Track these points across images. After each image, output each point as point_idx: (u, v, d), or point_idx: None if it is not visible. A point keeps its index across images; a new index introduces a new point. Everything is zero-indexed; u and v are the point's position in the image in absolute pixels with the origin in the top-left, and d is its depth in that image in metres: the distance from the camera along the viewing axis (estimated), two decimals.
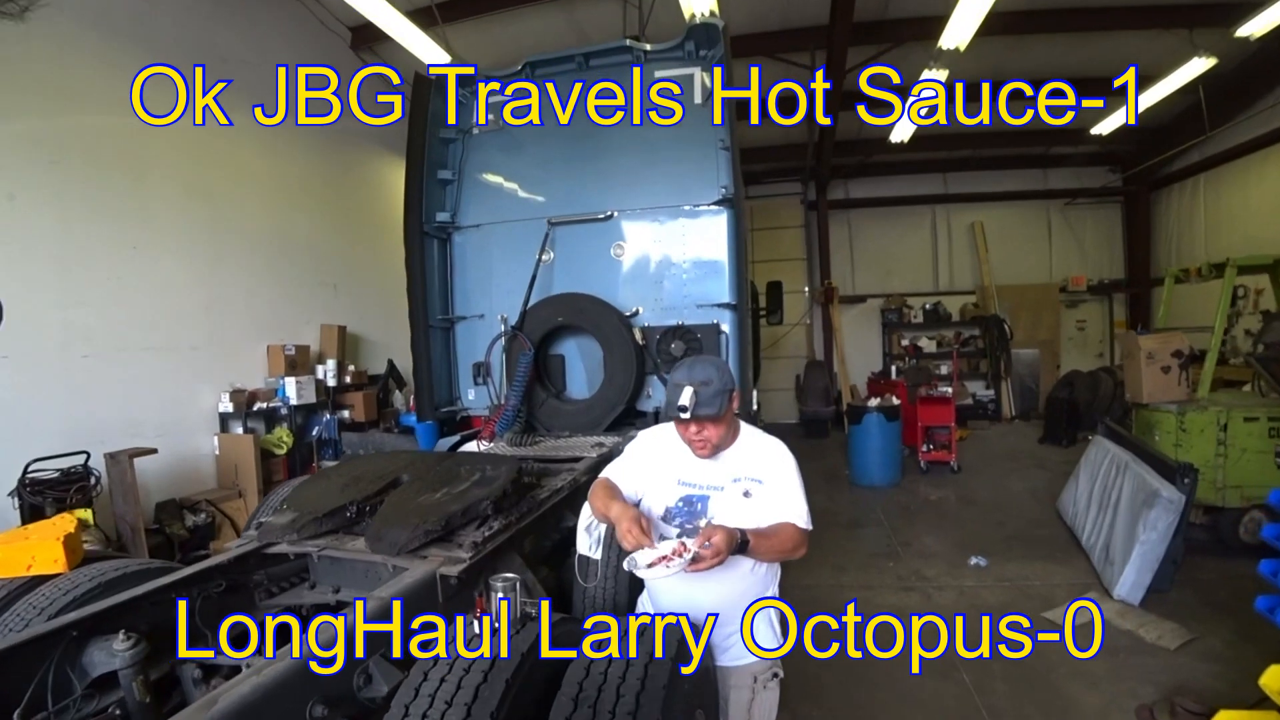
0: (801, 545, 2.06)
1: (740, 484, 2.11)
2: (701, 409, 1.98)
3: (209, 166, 6.43)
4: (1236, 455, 5.35)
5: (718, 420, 2.04)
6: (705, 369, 2.04)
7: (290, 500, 2.76)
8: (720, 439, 2.10)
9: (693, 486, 2.16)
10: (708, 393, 1.98)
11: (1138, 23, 8.03)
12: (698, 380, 2.00)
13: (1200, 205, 11.35)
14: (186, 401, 6.13)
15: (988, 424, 12.13)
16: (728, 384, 2.04)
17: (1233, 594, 4.60)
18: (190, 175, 6.23)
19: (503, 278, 4.95)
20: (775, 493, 2.09)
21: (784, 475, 2.12)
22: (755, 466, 2.13)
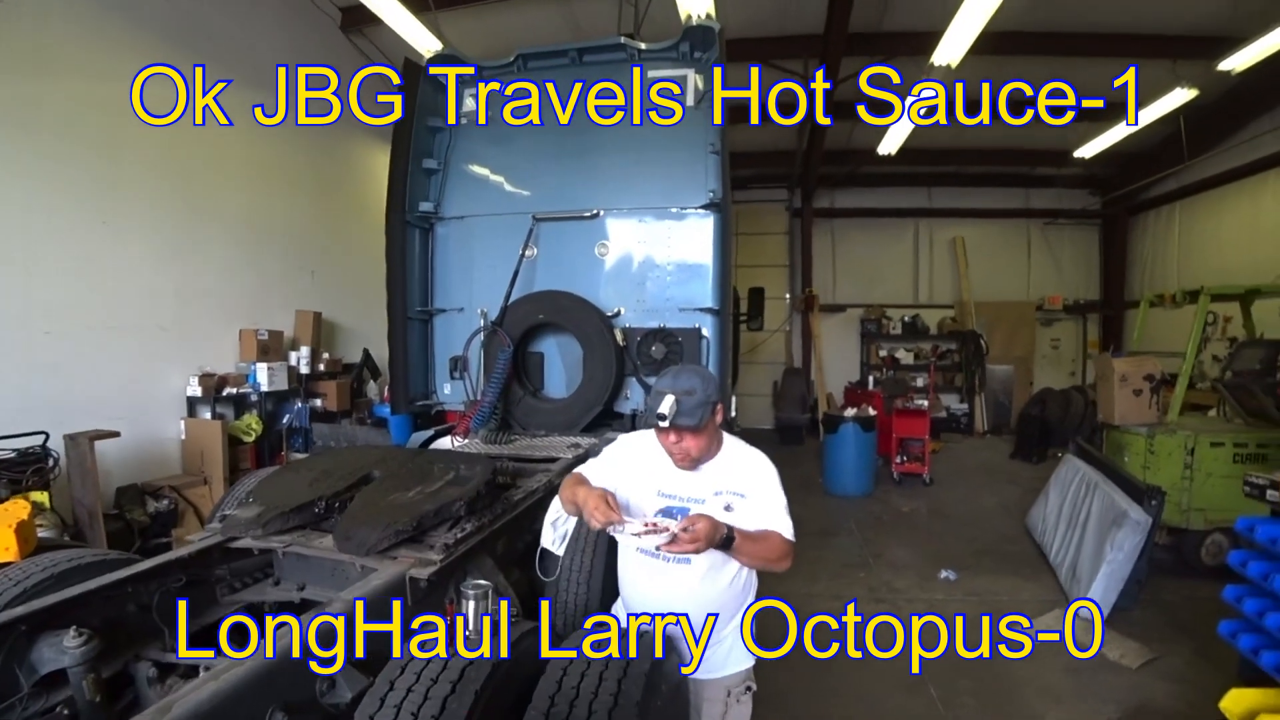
0: (786, 557, 2.03)
1: (722, 497, 2.08)
2: (681, 418, 1.94)
3: (187, 143, 6.24)
4: (1202, 479, 5.45)
5: (697, 431, 2.00)
6: (690, 378, 2.00)
7: (256, 493, 2.68)
8: (701, 451, 2.06)
9: (673, 498, 2.13)
10: (690, 403, 1.95)
11: (1124, 51, 8.16)
12: (681, 389, 1.96)
13: (1175, 232, 11.59)
14: (153, 384, 5.96)
15: (961, 437, 12.28)
16: (712, 396, 2.00)
17: (1194, 615, 4.70)
18: (167, 151, 6.05)
19: (484, 271, 4.86)
20: (758, 506, 2.06)
21: (767, 489, 2.10)
22: (738, 480, 2.10)
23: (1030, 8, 7.02)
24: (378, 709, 1.50)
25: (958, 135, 11.18)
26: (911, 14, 7.65)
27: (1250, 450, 5.41)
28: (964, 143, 11.62)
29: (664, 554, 2.10)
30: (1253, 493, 3.19)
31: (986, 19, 5.93)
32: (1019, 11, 6.64)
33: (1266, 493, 3.10)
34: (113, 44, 5.55)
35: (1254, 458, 5.35)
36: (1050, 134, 10.82)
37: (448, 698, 1.49)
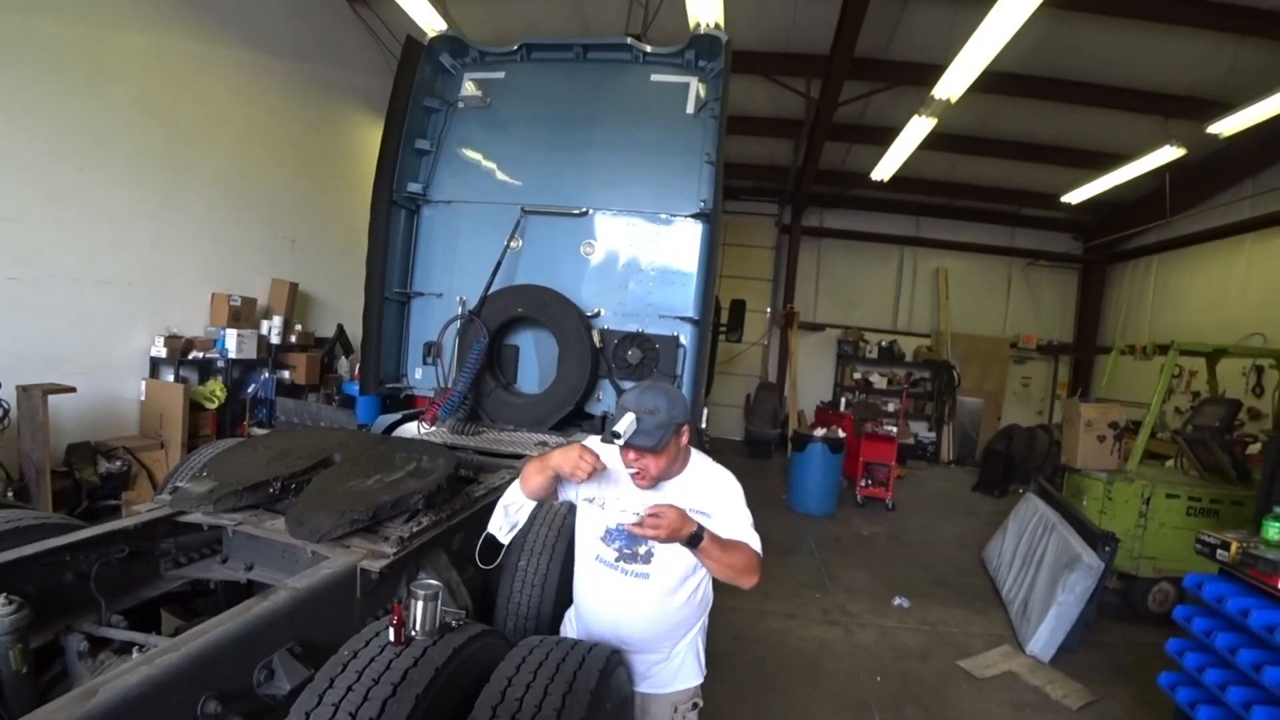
0: (754, 571, 1.99)
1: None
2: (638, 438, 1.90)
3: (175, 93, 6.08)
4: (1155, 528, 5.56)
5: (656, 453, 1.95)
6: (655, 398, 1.95)
7: (211, 467, 2.60)
8: (660, 471, 2.01)
9: (638, 513, 2.09)
10: (650, 422, 1.90)
11: (1118, 104, 8.34)
12: (644, 408, 1.92)
13: (1151, 284, 11.84)
14: (116, 340, 5.79)
15: (926, 465, 12.42)
16: (677, 418, 1.96)
17: (1136, 660, 4.79)
18: (153, 99, 5.88)
19: (467, 259, 4.80)
20: (723, 526, 2.03)
21: (733, 508, 2.08)
22: (703, 498, 2.06)
23: (1033, 53, 7.12)
24: (315, 705, 1.45)
25: (951, 168, 11.34)
26: (917, 46, 7.73)
27: (1204, 504, 5.54)
28: (956, 176, 11.78)
29: (621, 566, 2.08)
30: (1204, 550, 3.25)
31: (990, 59, 6.00)
32: (1022, 55, 6.73)
33: (1217, 552, 3.15)
34: None
35: (1207, 512, 5.48)
36: (1040, 176, 11.03)
37: (388, 700, 1.45)
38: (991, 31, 5.53)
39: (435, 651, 1.61)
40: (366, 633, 1.66)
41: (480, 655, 1.75)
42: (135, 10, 5.66)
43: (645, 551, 2.06)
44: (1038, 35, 6.38)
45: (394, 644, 1.59)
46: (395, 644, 1.59)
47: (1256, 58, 6.87)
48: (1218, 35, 6.85)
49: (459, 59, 4.97)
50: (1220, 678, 2.95)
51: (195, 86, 6.29)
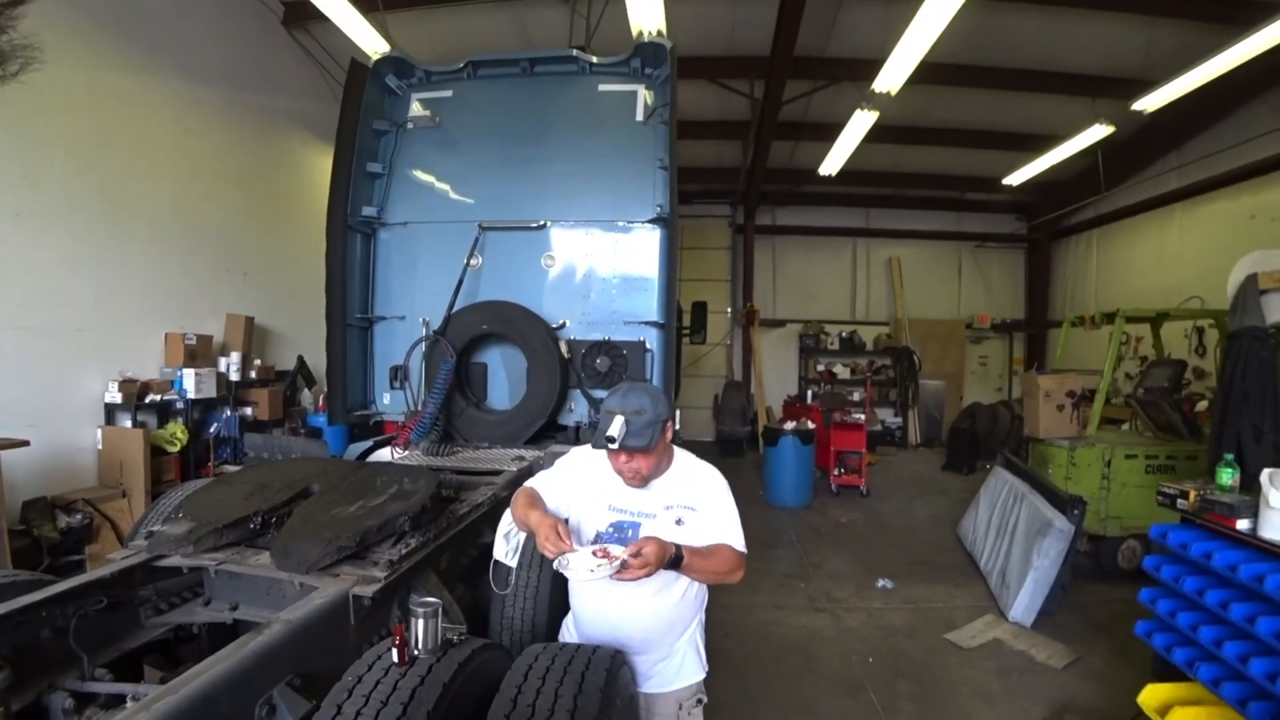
0: (738, 569, 2.05)
1: (673, 511, 2.09)
2: (631, 440, 1.93)
3: (111, 129, 5.90)
4: (1118, 489, 5.78)
5: (647, 451, 1.99)
6: (639, 398, 1.99)
7: (187, 508, 2.53)
8: (651, 470, 2.06)
9: (624, 512, 2.12)
10: (639, 423, 1.94)
11: (1049, 87, 8.69)
12: (630, 409, 1.96)
13: (1093, 257, 12.33)
14: (67, 389, 5.57)
15: (895, 450, 12.65)
16: (661, 414, 2.00)
17: (1112, 616, 4.97)
18: (90, 139, 5.70)
19: (427, 279, 4.77)
20: (709, 519, 2.07)
21: (717, 501, 2.11)
22: (688, 494, 2.10)
23: (965, 43, 7.37)
24: None
25: (896, 159, 11.64)
26: (854, 42, 7.94)
27: (1160, 461, 5.78)
28: (901, 166, 12.09)
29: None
30: (1165, 501, 3.40)
31: (924, 51, 6.20)
32: (955, 46, 6.96)
33: (1177, 501, 3.30)
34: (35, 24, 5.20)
35: (1164, 469, 5.71)
36: (981, 161, 11.40)
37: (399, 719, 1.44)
38: (924, 24, 5.72)
39: (441, 668, 1.60)
40: (369, 656, 1.65)
41: (485, 668, 1.75)
42: (64, 46, 5.45)
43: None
44: (969, 26, 6.60)
45: (398, 664, 1.58)
46: (400, 664, 1.58)
47: (1171, 37, 7.24)
48: (1134, 18, 7.20)
49: (405, 80, 4.95)
50: (1192, 620, 3.08)
51: (132, 122, 6.12)
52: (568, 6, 7.05)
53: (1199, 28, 6.97)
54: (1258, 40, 5.81)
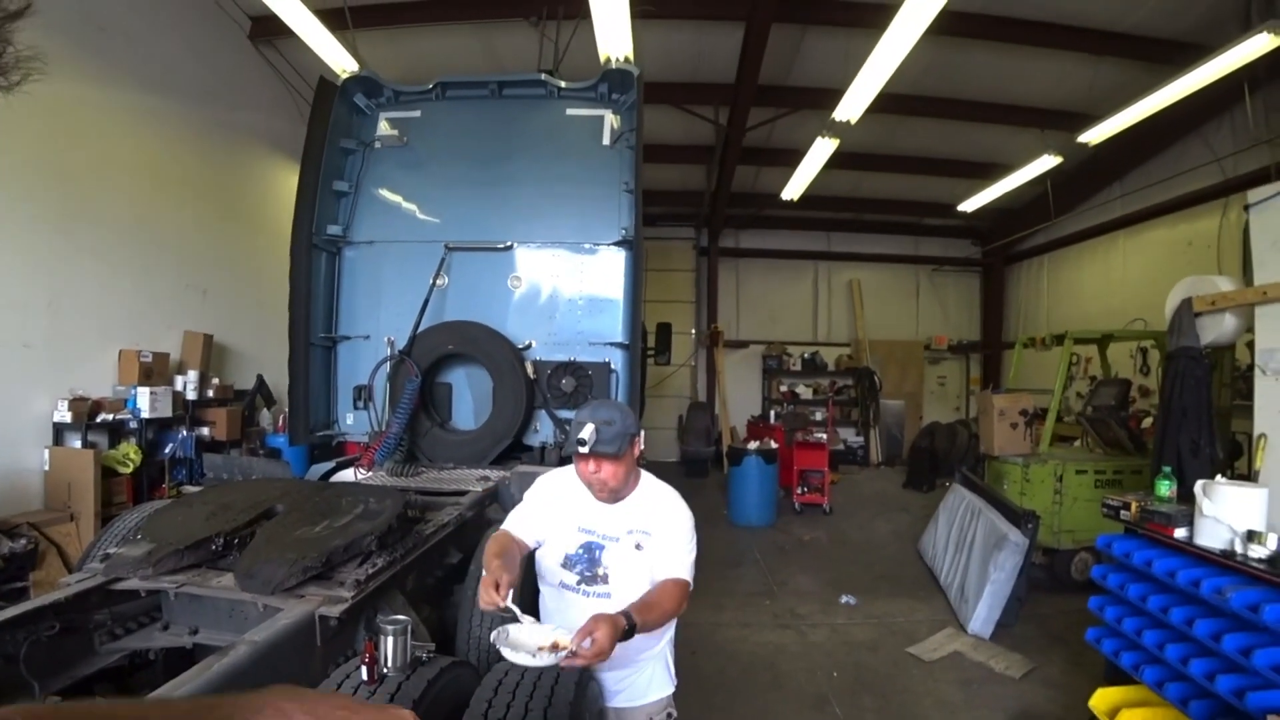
0: (683, 602, 2.05)
1: (633, 536, 2.11)
2: (601, 446, 1.98)
3: (67, 141, 5.74)
4: (1070, 503, 5.98)
5: (616, 459, 2.03)
6: (609, 410, 2.05)
7: (146, 529, 2.47)
8: (619, 482, 2.09)
9: (592, 533, 2.15)
10: (609, 432, 1.99)
11: (1001, 119, 9.12)
12: (600, 419, 2.00)
13: (1044, 281, 12.81)
14: (12, 407, 5.35)
15: (857, 469, 12.85)
16: (630, 428, 2.05)
17: (1066, 626, 5.11)
18: (43, 150, 5.53)
19: (392, 299, 4.75)
20: (660, 546, 2.09)
21: (671, 528, 2.12)
22: (646, 519, 2.13)
23: (922, 75, 7.68)
24: None
25: (856, 185, 11.98)
26: (816, 72, 8.21)
27: (1108, 476, 6.02)
28: (861, 192, 12.45)
29: (583, 589, 2.13)
30: (1109, 513, 3.56)
31: (883, 82, 6.43)
32: (912, 78, 7.25)
33: (1120, 513, 3.46)
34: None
35: (1111, 483, 5.95)
36: (938, 188, 11.79)
37: None
38: (883, 57, 5.95)
39: (410, 685, 1.61)
40: (337, 675, 1.64)
41: (454, 686, 1.76)
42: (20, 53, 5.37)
43: (603, 573, 2.12)
44: (926, 59, 6.89)
45: (367, 682, 1.58)
46: (369, 682, 1.58)
47: (1113, 74, 7.64)
48: (1079, 56, 7.58)
49: (373, 99, 4.96)
50: (1136, 625, 3.22)
51: (90, 134, 5.98)
52: (536, 30, 7.15)
53: (1139, 66, 7.38)
54: (1192, 79, 6.17)
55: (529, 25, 7.29)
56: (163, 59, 6.80)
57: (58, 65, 5.64)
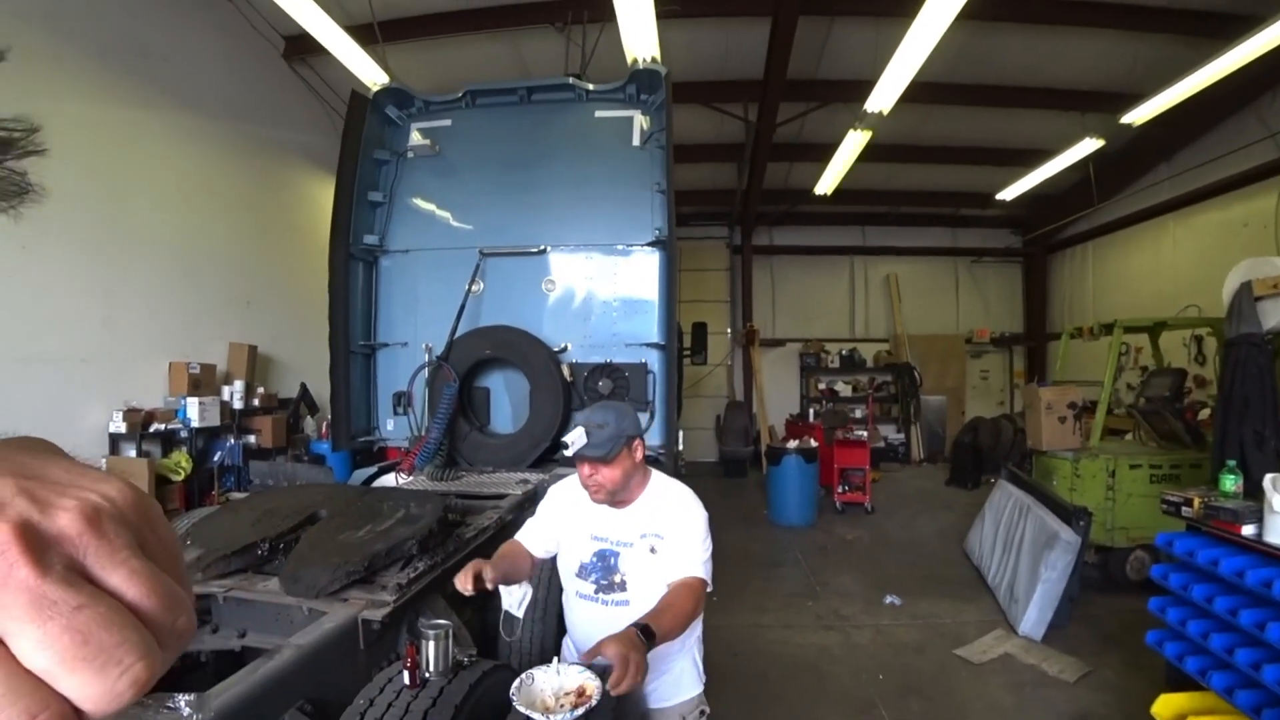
0: (699, 604, 2.01)
1: (647, 540, 2.09)
2: (589, 449, 1.97)
3: (118, 162, 6.00)
4: (1123, 499, 5.76)
5: (607, 462, 2.01)
6: (604, 413, 2.04)
7: (195, 535, 2.54)
8: (615, 485, 2.06)
9: (605, 541, 2.14)
10: (601, 435, 1.98)
11: (1038, 103, 8.86)
12: (594, 422, 2.00)
13: (1089, 269, 12.42)
14: (72, 419, 5.59)
15: (898, 466, 12.63)
16: (627, 429, 2.03)
17: (1121, 627, 4.93)
18: (96, 169, 5.77)
19: (429, 306, 4.81)
20: (674, 547, 2.05)
21: (684, 529, 2.08)
22: (658, 521, 2.10)
23: (955, 62, 7.50)
24: None
25: (890, 177, 11.77)
26: (846, 64, 8.08)
27: (1164, 471, 5.78)
28: (896, 184, 12.23)
29: (601, 597, 2.12)
30: (1170, 510, 3.41)
31: (915, 71, 6.30)
32: (944, 65, 7.07)
33: (1182, 509, 3.31)
34: (40, 60, 5.31)
35: (1168, 478, 5.71)
36: (974, 177, 11.52)
37: None
38: (914, 45, 5.82)
39: (452, 690, 1.61)
40: (380, 679, 1.65)
41: (495, 690, 1.75)
42: (73, 81, 5.59)
43: (620, 580, 2.10)
44: (957, 45, 6.73)
45: (410, 687, 1.59)
46: (411, 686, 1.59)
47: (1156, 51, 7.37)
48: (1119, 33, 7.33)
49: (405, 110, 5.04)
50: (1202, 627, 3.08)
51: (139, 154, 6.22)
52: (562, 36, 7.19)
53: (1184, 41, 7.11)
54: (1241, 52, 5.91)
55: (555, 31, 7.33)
56: (203, 81, 7.03)
57: (107, 91, 5.91)
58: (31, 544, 0.28)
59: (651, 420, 4.57)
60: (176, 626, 0.32)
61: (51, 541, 0.30)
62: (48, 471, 0.33)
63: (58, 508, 0.30)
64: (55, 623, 0.28)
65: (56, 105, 5.40)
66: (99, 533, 0.31)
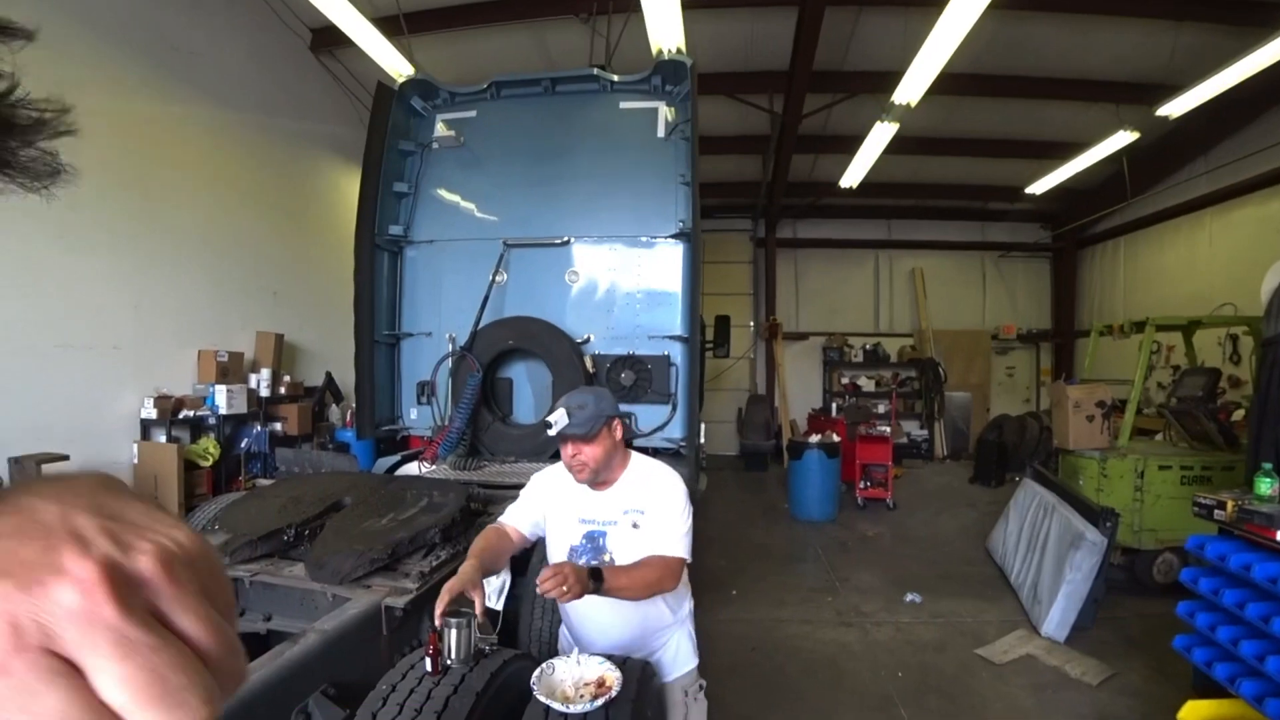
0: (668, 577, 2.06)
1: (629, 516, 2.15)
2: (570, 428, 2.04)
3: (148, 154, 6.12)
4: (1152, 501, 5.65)
5: (589, 440, 2.07)
6: (583, 395, 2.14)
7: (223, 520, 2.60)
8: (598, 463, 2.12)
9: (592, 523, 2.18)
10: (581, 415, 2.05)
11: (1071, 94, 8.65)
12: (574, 405, 2.08)
13: (1120, 265, 12.15)
14: (105, 405, 5.74)
15: (921, 463, 12.50)
16: (606, 410, 2.10)
17: (1147, 631, 4.84)
18: (127, 165, 5.90)
19: (453, 296, 4.84)
20: (654, 523, 2.12)
21: (664, 504, 2.15)
22: (639, 497, 2.17)
23: (984, 53, 7.36)
24: None
25: (917, 170, 11.60)
26: (873, 55, 7.96)
27: (1196, 473, 5.64)
28: (923, 177, 12.05)
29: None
30: (1201, 512, 3.33)
31: (944, 62, 6.19)
32: (974, 56, 6.95)
33: (1214, 512, 3.23)
34: (74, 56, 5.42)
35: (1199, 480, 5.58)
36: (1003, 170, 11.32)
37: None
38: (943, 35, 5.72)
39: (473, 677, 1.63)
40: (402, 666, 1.68)
41: (516, 679, 1.77)
42: (103, 75, 5.70)
43: (609, 560, 2.14)
44: (987, 35, 6.59)
45: (431, 674, 1.61)
46: (433, 673, 1.61)
47: (1196, 41, 7.16)
48: (1157, 22, 7.14)
49: (430, 101, 5.05)
50: (1232, 633, 3.01)
51: (168, 147, 6.34)
52: (587, 26, 7.17)
53: (1224, 30, 6.90)
54: None
55: (580, 22, 7.31)
56: (231, 74, 7.14)
57: (137, 86, 6.01)
58: (116, 584, 0.30)
59: (673, 413, 4.56)
60: (235, 671, 0.34)
61: (133, 582, 0.31)
62: (126, 512, 0.34)
63: (138, 550, 0.32)
64: (134, 662, 0.29)
65: (90, 100, 5.50)
66: (173, 577, 0.32)
